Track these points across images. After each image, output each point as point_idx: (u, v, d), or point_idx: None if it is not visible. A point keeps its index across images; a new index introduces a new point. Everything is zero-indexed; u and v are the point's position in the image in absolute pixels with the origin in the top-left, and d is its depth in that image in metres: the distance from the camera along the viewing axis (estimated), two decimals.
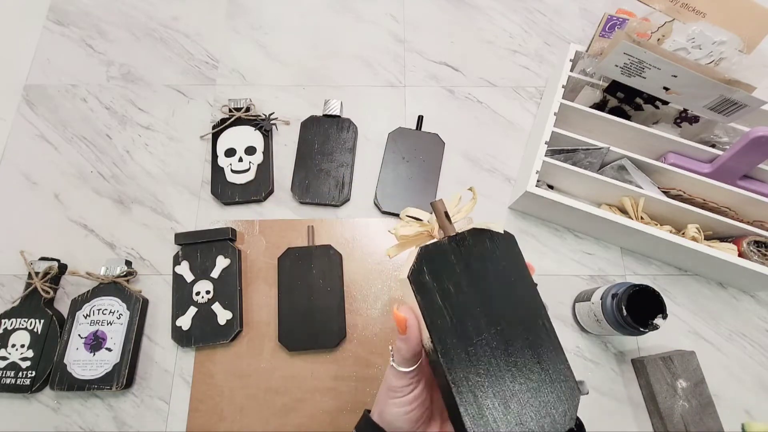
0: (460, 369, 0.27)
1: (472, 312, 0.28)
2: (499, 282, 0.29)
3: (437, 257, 0.28)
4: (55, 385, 0.55)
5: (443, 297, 0.28)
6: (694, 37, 0.56)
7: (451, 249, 0.29)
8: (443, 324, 0.27)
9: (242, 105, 0.70)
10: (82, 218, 0.65)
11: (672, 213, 0.60)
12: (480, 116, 0.73)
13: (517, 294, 0.29)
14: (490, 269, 0.29)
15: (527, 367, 0.27)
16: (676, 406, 0.54)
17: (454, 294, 0.28)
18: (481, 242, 0.29)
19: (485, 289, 0.28)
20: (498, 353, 0.27)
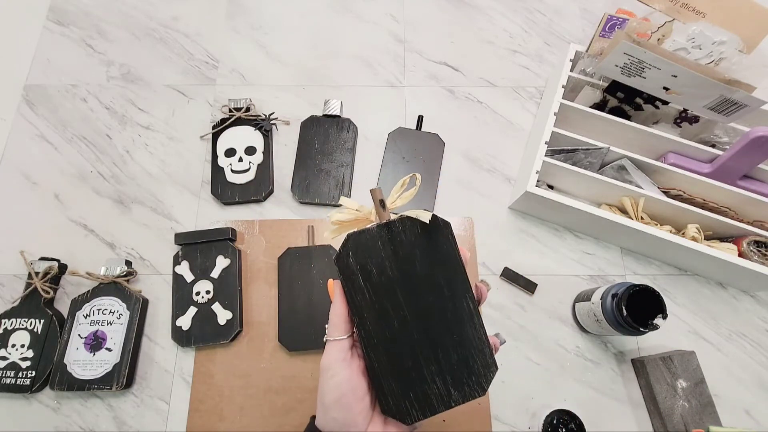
0: (378, 344, 0.31)
1: (394, 292, 0.31)
2: (426, 266, 0.31)
3: (363, 242, 0.31)
4: (55, 385, 0.55)
5: (365, 278, 0.31)
6: (694, 37, 0.56)
7: (379, 235, 0.31)
8: (363, 302, 0.31)
9: (242, 105, 0.70)
10: (82, 218, 0.65)
11: (672, 213, 0.60)
12: (480, 116, 0.73)
13: (444, 277, 0.31)
14: (418, 254, 0.31)
15: (445, 341, 0.31)
16: (676, 406, 0.54)
17: (377, 276, 0.31)
18: (410, 229, 0.31)
19: (410, 272, 0.31)
20: (416, 330, 0.31)
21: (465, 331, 0.31)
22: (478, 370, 0.31)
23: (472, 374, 0.31)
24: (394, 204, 0.33)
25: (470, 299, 0.32)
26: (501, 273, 0.63)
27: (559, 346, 0.60)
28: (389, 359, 0.31)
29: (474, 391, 0.31)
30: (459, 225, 0.66)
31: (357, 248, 0.31)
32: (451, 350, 0.31)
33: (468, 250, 0.64)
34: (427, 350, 0.31)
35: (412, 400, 0.31)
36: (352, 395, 0.30)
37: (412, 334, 0.31)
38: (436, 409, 0.31)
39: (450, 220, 0.33)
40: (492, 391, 0.58)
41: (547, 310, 0.62)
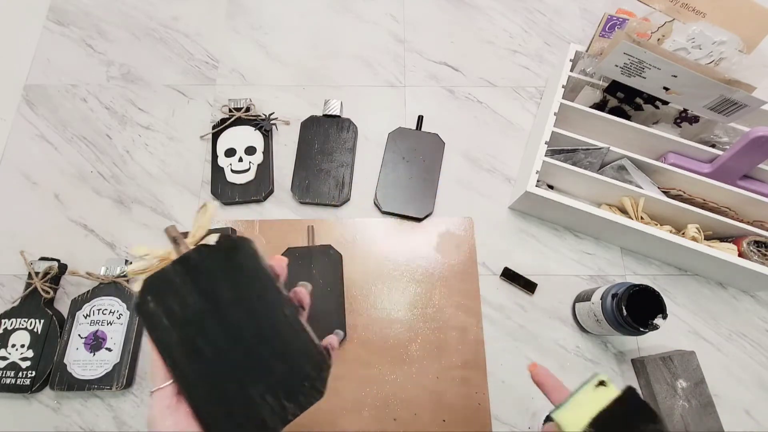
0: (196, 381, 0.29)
1: (202, 324, 0.30)
2: (232, 288, 0.30)
3: (161, 283, 0.30)
4: (55, 385, 0.55)
5: (169, 318, 0.29)
6: (694, 37, 0.56)
7: (176, 271, 0.30)
8: (171, 343, 0.29)
9: (242, 105, 0.70)
10: (82, 218, 0.65)
11: (672, 213, 0.60)
12: (480, 116, 0.73)
13: (253, 294, 0.31)
14: (220, 279, 0.30)
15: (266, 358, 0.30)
16: (676, 406, 0.54)
17: (181, 312, 0.30)
18: (208, 256, 0.31)
19: (216, 299, 0.30)
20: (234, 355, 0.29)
21: (287, 340, 0.30)
22: (309, 374, 0.30)
23: (305, 380, 0.30)
24: (194, 237, 0.32)
25: (286, 307, 0.31)
26: (501, 273, 0.63)
27: (559, 346, 0.60)
28: (212, 393, 0.29)
29: (311, 396, 0.30)
30: (459, 225, 0.66)
31: (155, 291, 0.30)
32: (275, 364, 0.30)
33: (468, 250, 0.64)
34: (249, 372, 0.29)
35: (246, 428, 0.29)
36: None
37: (231, 361, 0.29)
38: (275, 429, 0.29)
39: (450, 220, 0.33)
40: (492, 391, 0.58)
41: (547, 310, 0.62)
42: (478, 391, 0.58)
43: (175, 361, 0.29)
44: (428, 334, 0.60)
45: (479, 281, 0.63)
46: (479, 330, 0.60)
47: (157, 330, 0.30)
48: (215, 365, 0.29)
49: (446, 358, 0.59)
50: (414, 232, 0.65)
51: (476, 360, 0.59)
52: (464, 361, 0.59)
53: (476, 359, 0.59)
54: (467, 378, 0.58)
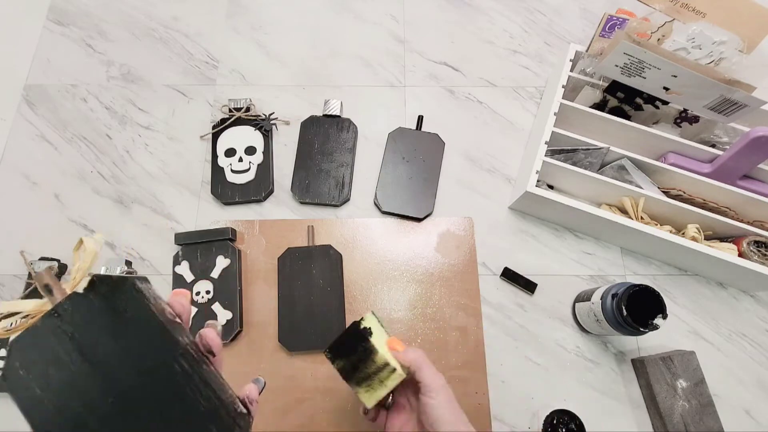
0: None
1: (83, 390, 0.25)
2: (113, 339, 0.25)
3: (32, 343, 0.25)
4: None
5: (42, 387, 0.25)
6: (694, 37, 0.56)
7: (48, 326, 0.25)
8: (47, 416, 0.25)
9: (242, 105, 0.70)
10: (82, 218, 0.65)
11: (672, 213, 0.60)
12: (480, 116, 0.73)
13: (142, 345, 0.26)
14: (98, 330, 0.25)
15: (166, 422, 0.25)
16: (676, 406, 0.54)
17: (55, 376, 0.25)
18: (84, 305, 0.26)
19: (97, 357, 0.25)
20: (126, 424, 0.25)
21: (187, 399, 0.25)
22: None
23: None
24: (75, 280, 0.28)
25: (182, 358, 0.26)
26: (501, 273, 0.63)
27: (559, 346, 0.60)
28: None
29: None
30: (459, 225, 0.66)
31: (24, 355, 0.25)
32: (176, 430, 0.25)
33: (468, 250, 0.64)
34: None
35: None
36: None
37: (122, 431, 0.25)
38: None
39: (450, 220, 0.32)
40: (492, 391, 0.58)
41: (547, 310, 0.62)
42: (478, 391, 0.58)
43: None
44: (428, 334, 0.60)
45: (479, 281, 0.63)
46: (479, 330, 0.60)
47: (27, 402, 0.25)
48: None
49: (446, 358, 0.59)
50: (414, 232, 0.65)
51: (476, 360, 0.59)
52: (464, 361, 0.59)
53: (476, 359, 0.59)
54: (467, 378, 0.58)
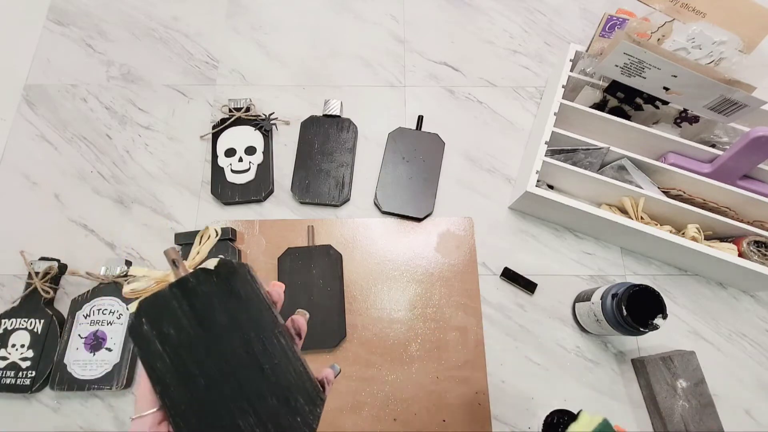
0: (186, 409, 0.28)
1: (196, 350, 0.28)
2: (227, 314, 0.29)
3: (157, 305, 0.29)
4: (55, 385, 0.55)
5: (162, 342, 0.28)
6: (694, 37, 0.56)
7: (172, 295, 0.29)
8: (163, 368, 0.28)
9: (242, 105, 0.70)
10: (82, 218, 0.65)
11: (672, 213, 0.60)
12: (480, 116, 0.73)
13: (248, 320, 0.30)
14: (216, 304, 0.29)
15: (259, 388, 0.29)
16: (676, 406, 0.54)
17: (175, 336, 0.28)
18: (206, 280, 0.30)
19: (211, 325, 0.29)
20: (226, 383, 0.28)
21: (281, 371, 0.29)
22: (301, 408, 0.29)
23: (297, 414, 0.29)
24: (194, 260, 0.32)
25: (281, 335, 0.30)
26: (501, 273, 0.63)
27: (559, 346, 0.60)
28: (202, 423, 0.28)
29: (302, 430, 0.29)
30: (459, 225, 0.66)
31: (150, 313, 0.29)
32: (267, 396, 0.29)
33: (468, 250, 0.64)
34: (241, 402, 0.28)
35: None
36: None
37: (223, 390, 0.28)
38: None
39: (450, 220, 0.33)
40: (492, 391, 0.58)
41: (547, 310, 0.62)
42: (478, 391, 0.58)
43: (165, 387, 0.28)
44: (428, 334, 0.60)
45: (479, 281, 0.63)
46: (479, 330, 0.60)
47: (149, 354, 0.28)
48: (206, 394, 0.28)
49: (446, 358, 0.59)
50: (414, 232, 0.65)
51: (476, 360, 0.59)
52: (464, 361, 0.59)
53: (476, 359, 0.59)
54: (467, 378, 0.58)
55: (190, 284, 0.29)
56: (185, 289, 0.29)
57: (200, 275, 0.30)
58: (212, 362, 0.29)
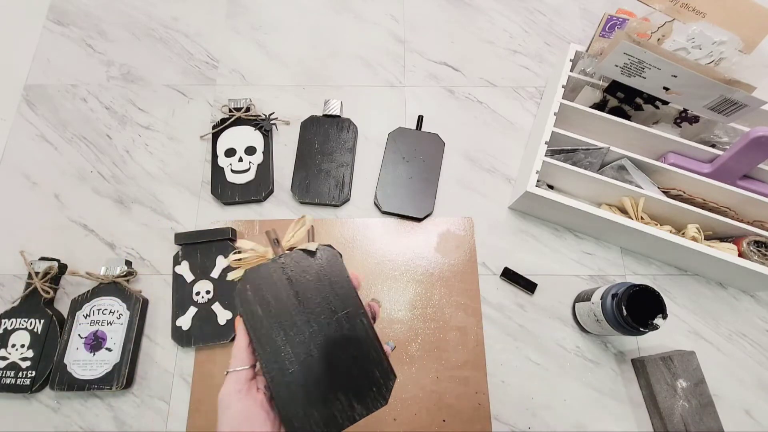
0: (280, 369, 0.32)
1: (292, 319, 0.33)
2: (321, 292, 0.34)
3: (260, 276, 0.34)
4: (55, 385, 0.55)
5: (263, 307, 0.33)
6: (694, 37, 0.56)
7: (274, 268, 0.34)
8: (262, 331, 0.33)
9: (242, 105, 0.70)
10: (82, 218, 0.65)
11: (672, 213, 0.60)
12: (480, 116, 0.73)
13: (337, 300, 0.34)
14: (312, 282, 0.34)
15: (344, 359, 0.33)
16: (676, 406, 0.54)
17: (274, 304, 0.33)
18: (303, 260, 0.35)
19: (306, 299, 0.34)
20: (316, 351, 0.33)
21: (362, 346, 0.34)
22: (378, 380, 0.33)
23: (373, 385, 0.33)
24: (289, 242, 0.36)
25: (363, 316, 0.34)
26: (501, 273, 0.63)
27: (559, 346, 0.60)
28: (292, 383, 0.32)
29: (376, 401, 0.33)
30: (459, 225, 0.66)
31: (255, 282, 0.34)
32: (350, 367, 0.33)
33: (468, 250, 0.64)
34: (328, 369, 0.33)
35: (317, 420, 0.32)
36: (249, 424, 0.30)
37: (313, 356, 0.33)
38: (342, 425, 0.32)
39: (450, 220, 0.34)
40: (492, 391, 0.58)
41: (547, 310, 0.62)
42: (478, 391, 0.58)
43: (263, 348, 0.32)
44: (428, 334, 0.60)
45: (479, 281, 0.63)
46: (479, 330, 0.60)
47: (251, 316, 0.33)
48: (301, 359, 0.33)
49: (446, 358, 0.59)
50: (414, 232, 0.65)
51: (476, 360, 0.59)
52: (464, 361, 0.59)
53: (476, 359, 0.59)
54: (467, 378, 0.58)
55: (289, 261, 0.34)
56: (285, 265, 0.34)
57: (299, 255, 0.35)
58: (305, 331, 0.33)
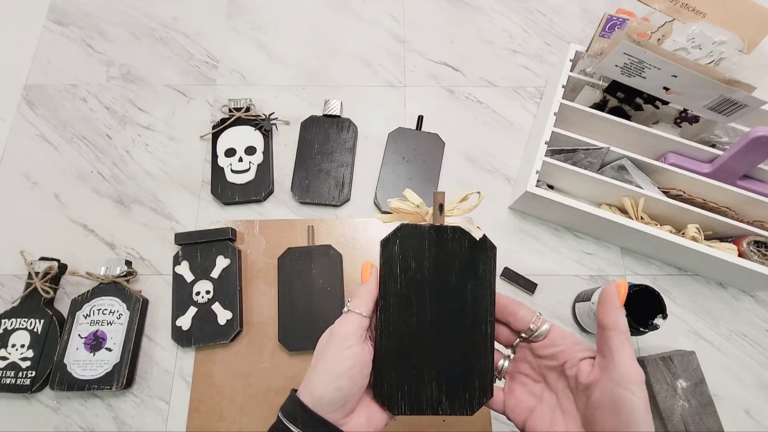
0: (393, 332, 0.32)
1: (423, 291, 0.32)
2: (460, 279, 0.32)
3: (412, 236, 0.33)
4: (55, 385, 0.55)
5: (402, 268, 0.32)
6: (694, 37, 0.56)
7: (428, 235, 0.33)
8: (393, 289, 0.32)
9: (242, 105, 0.70)
10: (82, 218, 0.65)
11: (672, 213, 0.60)
12: (480, 116, 0.73)
13: (473, 295, 0.32)
14: (457, 265, 0.32)
15: (453, 352, 0.32)
16: (676, 406, 0.54)
17: (414, 270, 0.32)
18: (458, 240, 0.33)
19: (444, 279, 0.32)
20: (431, 331, 0.32)
21: (475, 350, 0.32)
22: (473, 390, 0.32)
23: (467, 391, 0.32)
24: (451, 212, 0.34)
25: (490, 324, 0.32)
26: (501, 273, 0.63)
27: None
28: (398, 349, 0.31)
29: (463, 408, 0.32)
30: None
31: (405, 239, 0.32)
32: (456, 362, 0.32)
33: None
34: (434, 354, 0.32)
35: (405, 393, 0.31)
36: (360, 370, 0.30)
37: (426, 334, 0.32)
38: (424, 411, 0.31)
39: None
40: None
41: (547, 310, 0.62)
42: None
43: (387, 305, 0.32)
44: None
45: None
46: None
47: (389, 271, 0.32)
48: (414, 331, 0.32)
49: None
50: None
51: None
52: None
53: None
54: None
55: (446, 235, 0.33)
56: (441, 236, 0.33)
57: (457, 233, 0.33)
58: (430, 308, 0.32)
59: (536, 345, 0.33)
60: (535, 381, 0.34)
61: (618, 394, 0.27)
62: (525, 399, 0.33)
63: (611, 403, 0.28)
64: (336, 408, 0.29)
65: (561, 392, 0.32)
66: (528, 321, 0.33)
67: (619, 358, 0.28)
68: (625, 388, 0.27)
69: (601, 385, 0.29)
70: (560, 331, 0.33)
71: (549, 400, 0.33)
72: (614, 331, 0.30)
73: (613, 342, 0.29)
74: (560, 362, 0.32)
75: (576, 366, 0.31)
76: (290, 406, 0.30)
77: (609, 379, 0.28)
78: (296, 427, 0.29)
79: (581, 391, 0.30)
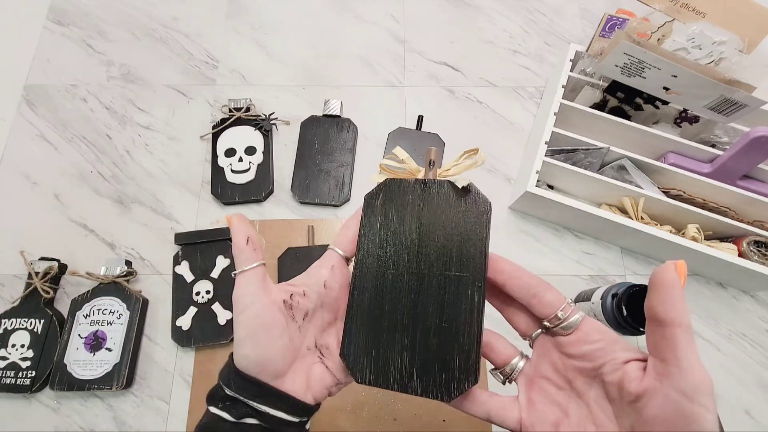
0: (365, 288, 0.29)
1: (402, 248, 0.29)
2: (446, 237, 0.29)
3: (396, 191, 0.30)
4: (55, 385, 0.55)
5: (383, 222, 0.30)
6: (694, 37, 0.56)
7: (412, 189, 0.30)
8: (370, 242, 0.30)
9: (242, 105, 0.70)
10: (82, 218, 0.65)
11: (672, 213, 0.60)
12: (480, 116, 0.73)
13: (459, 255, 0.28)
14: (442, 220, 0.29)
15: (431, 320, 0.28)
16: None
17: (395, 224, 0.30)
18: (445, 195, 0.30)
19: (427, 236, 0.29)
20: (408, 293, 0.28)
21: (458, 321, 0.27)
22: (452, 370, 0.26)
23: (444, 371, 0.26)
24: (447, 171, 0.32)
25: (478, 292, 0.27)
26: None
27: None
28: (369, 308, 0.28)
29: (438, 390, 0.26)
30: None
31: (388, 193, 0.31)
32: (432, 333, 0.27)
33: None
34: (408, 319, 0.28)
35: (372, 359, 0.27)
36: (265, 333, 0.26)
37: (401, 296, 0.28)
38: (390, 384, 0.27)
39: None
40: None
41: None
42: None
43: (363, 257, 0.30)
44: None
45: None
46: None
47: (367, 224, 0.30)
48: (389, 291, 0.29)
49: None
50: None
51: None
52: None
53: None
54: None
55: (431, 190, 0.30)
56: (426, 190, 0.30)
57: (445, 187, 0.30)
58: (408, 267, 0.29)
59: (564, 340, 0.26)
60: (558, 388, 0.27)
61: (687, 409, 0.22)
62: (548, 412, 0.26)
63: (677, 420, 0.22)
64: (257, 373, 0.26)
65: (594, 403, 0.25)
66: (556, 307, 0.27)
67: (688, 363, 0.22)
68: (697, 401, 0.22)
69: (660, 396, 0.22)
70: (595, 324, 0.26)
71: (577, 412, 0.25)
72: (680, 328, 0.22)
73: (678, 341, 0.22)
74: (596, 364, 0.25)
75: (620, 370, 0.24)
76: (225, 370, 0.28)
77: (673, 390, 0.22)
78: (230, 390, 0.27)
79: (627, 403, 0.23)
